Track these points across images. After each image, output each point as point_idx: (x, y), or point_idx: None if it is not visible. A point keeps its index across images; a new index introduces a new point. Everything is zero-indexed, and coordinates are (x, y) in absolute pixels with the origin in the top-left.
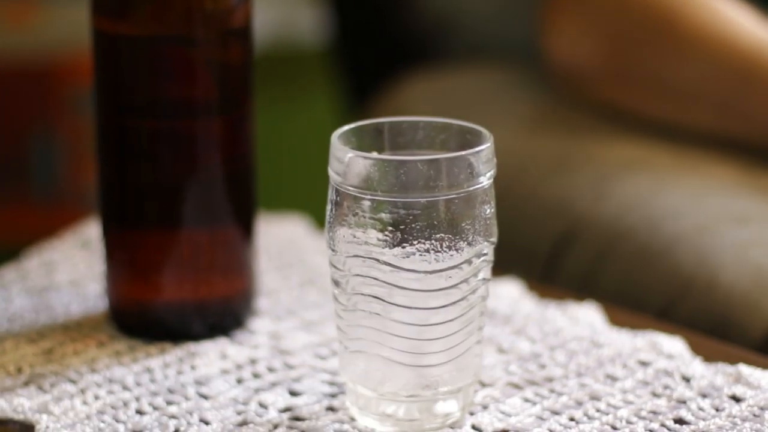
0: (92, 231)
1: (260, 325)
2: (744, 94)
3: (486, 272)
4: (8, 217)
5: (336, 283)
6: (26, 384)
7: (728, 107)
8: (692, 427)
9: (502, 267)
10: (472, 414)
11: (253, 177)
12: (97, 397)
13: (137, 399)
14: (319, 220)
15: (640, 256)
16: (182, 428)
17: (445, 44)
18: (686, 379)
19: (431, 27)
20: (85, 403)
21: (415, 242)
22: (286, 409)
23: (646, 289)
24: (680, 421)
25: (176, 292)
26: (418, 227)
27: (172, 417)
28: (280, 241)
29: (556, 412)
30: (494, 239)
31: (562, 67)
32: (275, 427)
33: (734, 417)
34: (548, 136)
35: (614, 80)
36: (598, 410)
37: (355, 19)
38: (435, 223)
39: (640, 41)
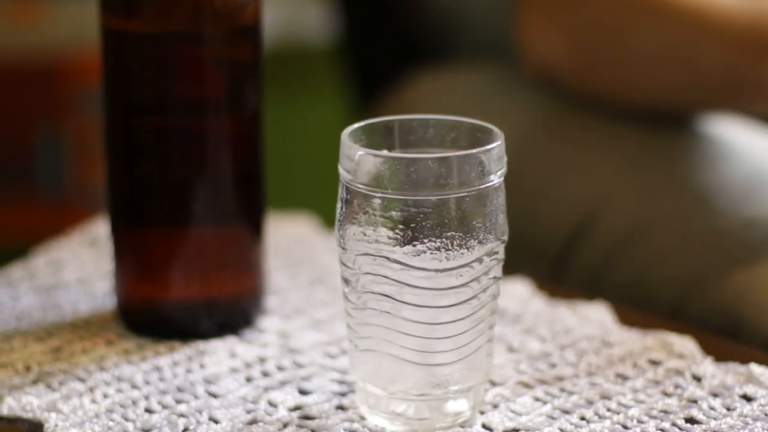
0: (100, 229)
1: (269, 324)
2: (701, 45)
3: (497, 271)
4: (14, 216)
5: (346, 281)
6: (35, 382)
7: (692, 60)
8: (703, 426)
9: (511, 266)
10: (482, 413)
11: (262, 175)
12: (105, 396)
13: (146, 397)
14: (327, 219)
15: (650, 256)
16: (191, 427)
17: (454, 42)
18: (697, 379)
19: (439, 24)
20: (93, 401)
21: (426, 240)
22: (296, 408)
23: (656, 289)
24: (691, 421)
25: (185, 290)
26: (428, 225)
27: (182, 415)
28: (289, 239)
29: (566, 412)
30: (505, 238)
31: (535, 60)
32: (285, 425)
33: (746, 416)
34: (558, 133)
35: (584, 67)
36: (608, 409)
37: (363, 17)
38: (446, 221)
39: (603, 22)
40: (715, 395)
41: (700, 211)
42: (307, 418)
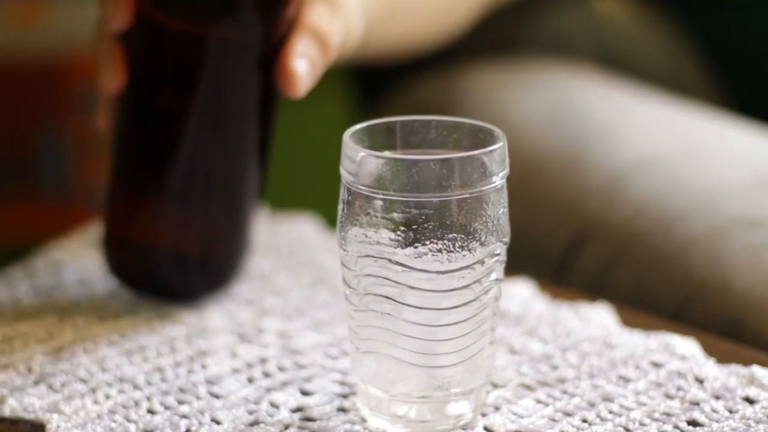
0: (100, 230)
1: (270, 324)
2: None
3: (499, 272)
4: (16, 216)
5: (347, 283)
6: (36, 383)
7: None
8: (705, 429)
9: (513, 267)
10: (484, 415)
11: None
12: (108, 397)
13: (148, 398)
14: (329, 219)
15: (653, 258)
16: (193, 428)
17: (456, 42)
18: (699, 381)
19: None
20: (96, 402)
21: (428, 242)
22: (298, 409)
23: (658, 291)
24: (693, 423)
25: (170, 239)
26: (430, 227)
27: (184, 416)
28: (291, 240)
29: (568, 414)
30: (507, 239)
31: None
32: (286, 427)
33: (748, 419)
34: (561, 134)
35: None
36: (610, 412)
37: None
38: (447, 222)
39: None
40: (717, 397)
41: (702, 213)
42: (309, 419)
